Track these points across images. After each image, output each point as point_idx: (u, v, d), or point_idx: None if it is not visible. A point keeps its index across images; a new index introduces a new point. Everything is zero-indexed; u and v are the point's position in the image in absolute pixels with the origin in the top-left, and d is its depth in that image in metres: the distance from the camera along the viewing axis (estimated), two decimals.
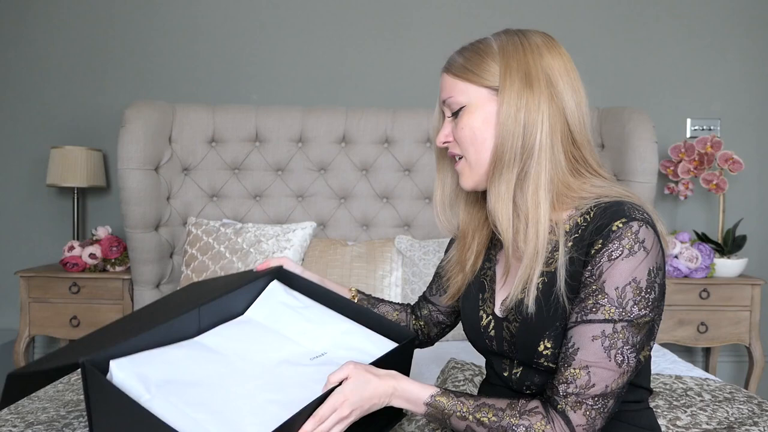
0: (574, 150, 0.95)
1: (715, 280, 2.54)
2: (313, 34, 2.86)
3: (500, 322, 1.01)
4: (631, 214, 0.87)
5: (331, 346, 1.07)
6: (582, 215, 0.92)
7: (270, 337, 1.07)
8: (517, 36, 0.96)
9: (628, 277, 0.85)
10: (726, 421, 1.40)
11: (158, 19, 2.87)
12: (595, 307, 0.87)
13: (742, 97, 2.88)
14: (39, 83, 2.88)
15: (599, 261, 0.87)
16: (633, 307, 0.86)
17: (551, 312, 0.92)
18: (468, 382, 1.57)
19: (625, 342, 0.86)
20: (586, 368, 0.86)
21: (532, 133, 0.91)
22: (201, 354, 0.99)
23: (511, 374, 1.01)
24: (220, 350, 1.01)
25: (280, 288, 1.18)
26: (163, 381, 0.90)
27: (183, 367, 0.95)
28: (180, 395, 0.88)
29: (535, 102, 0.91)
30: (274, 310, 1.14)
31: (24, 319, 2.51)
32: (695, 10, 2.86)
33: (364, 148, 2.58)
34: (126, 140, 2.34)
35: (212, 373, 0.95)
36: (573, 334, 0.88)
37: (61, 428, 1.28)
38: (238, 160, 2.58)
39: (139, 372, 0.90)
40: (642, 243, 0.86)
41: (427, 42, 2.85)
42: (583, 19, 2.85)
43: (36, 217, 2.90)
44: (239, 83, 2.86)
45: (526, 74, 0.92)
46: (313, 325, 1.11)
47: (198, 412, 0.86)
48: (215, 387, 0.92)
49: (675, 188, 2.69)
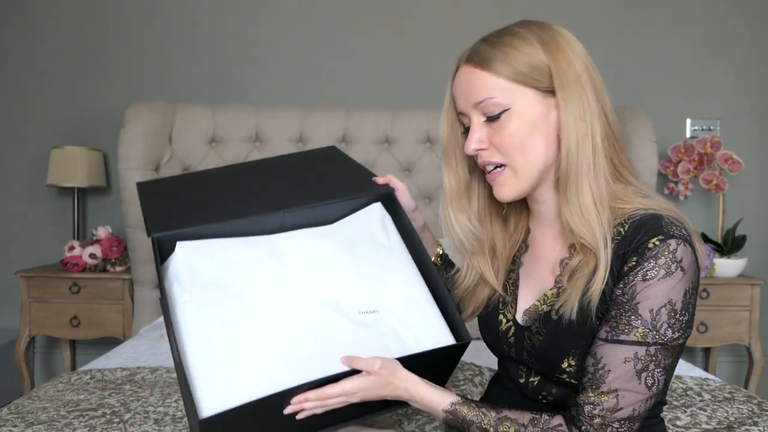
0: (615, 151, 0.88)
1: (715, 280, 2.54)
2: (313, 35, 2.86)
3: (522, 330, 0.96)
4: (669, 230, 0.81)
5: (386, 306, 0.98)
6: (616, 227, 0.86)
7: (341, 265, 1.00)
8: (550, 29, 0.88)
9: (664, 299, 0.81)
10: (726, 421, 1.40)
11: (158, 19, 2.87)
12: (627, 328, 0.82)
13: (742, 97, 2.88)
14: (39, 83, 2.88)
15: (633, 280, 0.82)
16: (667, 330, 0.81)
17: (581, 330, 0.87)
18: (468, 382, 1.57)
19: (656, 365, 0.82)
20: (615, 391, 0.82)
21: (597, 134, 0.85)
22: (265, 260, 0.96)
23: (528, 382, 0.97)
24: (287, 261, 0.97)
25: (378, 214, 1.08)
26: (211, 283, 0.91)
27: (239, 269, 0.94)
28: (215, 308, 0.89)
29: (587, 102, 0.85)
30: (361, 235, 1.04)
31: (24, 319, 2.51)
32: (695, 11, 2.86)
33: (364, 148, 2.58)
34: (126, 140, 2.34)
35: (263, 287, 0.93)
36: (602, 353, 0.83)
37: (61, 428, 1.28)
38: (238, 160, 2.58)
39: (194, 263, 0.92)
40: (679, 263, 0.80)
41: (427, 42, 2.85)
42: (583, 19, 2.85)
43: (36, 217, 2.90)
44: (239, 83, 2.86)
45: (575, 73, 0.85)
46: (384, 272, 1.01)
47: (219, 339, 0.87)
48: (253, 310, 0.90)
49: (675, 188, 2.69)
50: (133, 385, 1.62)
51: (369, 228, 1.06)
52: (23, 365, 2.56)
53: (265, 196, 1.08)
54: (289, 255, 0.98)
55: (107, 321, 2.52)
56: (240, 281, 0.93)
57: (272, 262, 0.96)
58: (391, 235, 1.07)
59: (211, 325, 0.87)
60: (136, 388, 1.59)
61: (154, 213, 1.01)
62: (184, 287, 0.90)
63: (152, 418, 1.37)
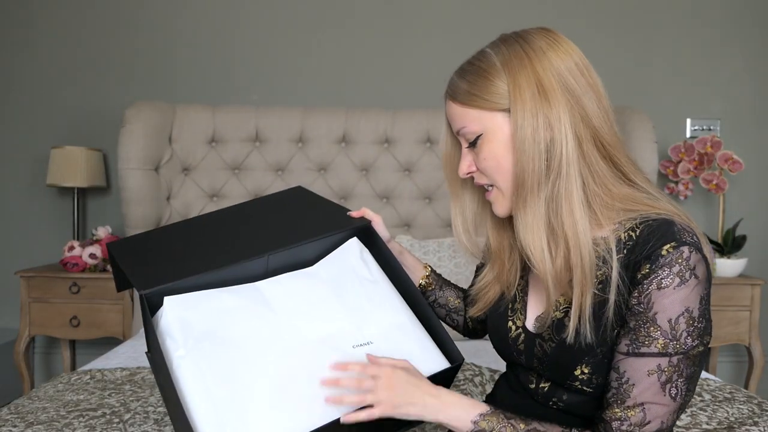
0: (608, 154, 0.87)
1: (715, 280, 2.54)
2: (313, 35, 2.86)
3: (532, 337, 0.95)
4: (682, 237, 0.81)
5: (379, 337, 0.99)
6: (627, 231, 0.85)
7: (328, 304, 1.01)
8: (517, 43, 0.87)
9: (681, 308, 0.81)
10: (726, 421, 1.40)
11: (158, 19, 2.86)
12: (647, 340, 0.81)
13: (742, 97, 2.88)
14: (39, 83, 2.88)
15: (647, 288, 0.81)
16: (687, 338, 0.81)
17: (596, 338, 0.85)
18: (468, 382, 1.57)
19: (680, 375, 0.81)
20: (641, 405, 0.81)
21: (556, 149, 0.84)
22: (253, 307, 0.96)
23: (538, 387, 0.95)
24: (275, 306, 0.97)
25: (356, 248, 1.10)
26: (204, 336, 0.90)
27: (229, 319, 0.93)
28: (210, 361, 0.88)
29: (555, 114, 0.84)
30: (343, 272, 1.06)
31: (24, 319, 2.51)
32: (695, 11, 2.86)
33: (364, 148, 2.58)
34: (126, 140, 2.34)
35: (255, 335, 0.93)
36: (625, 367, 0.82)
37: (61, 428, 1.28)
38: (238, 160, 2.58)
39: (185, 317, 0.91)
40: (693, 270, 0.81)
41: (428, 42, 2.85)
42: (583, 20, 2.85)
43: (36, 217, 2.90)
44: (239, 83, 2.86)
45: (538, 86, 0.84)
46: (371, 305, 1.03)
47: (220, 391, 0.86)
48: (249, 359, 0.90)
49: (675, 188, 2.69)
50: (133, 385, 1.62)
51: (350, 263, 1.08)
52: (23, 365, 2.56)
53: (245, 242, 1.09)
54: (277, 299, 0.99)
55: (107, 321, 2.51)
56: (232, 331, 0.93)
57: (261, 308, 0.97)
58: (372, 267, 1.09)
59: (209, 378, 0.87)
60: (136, 388, 1.59)
61: (138, 269, 1.00)
62: (177, 342, 0.90)
63: (152, 418, 1.37)
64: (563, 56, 0.86)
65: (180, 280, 0.95)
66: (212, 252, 1.05)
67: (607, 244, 0.85)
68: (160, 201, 2.45)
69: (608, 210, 0.87)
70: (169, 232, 1.16)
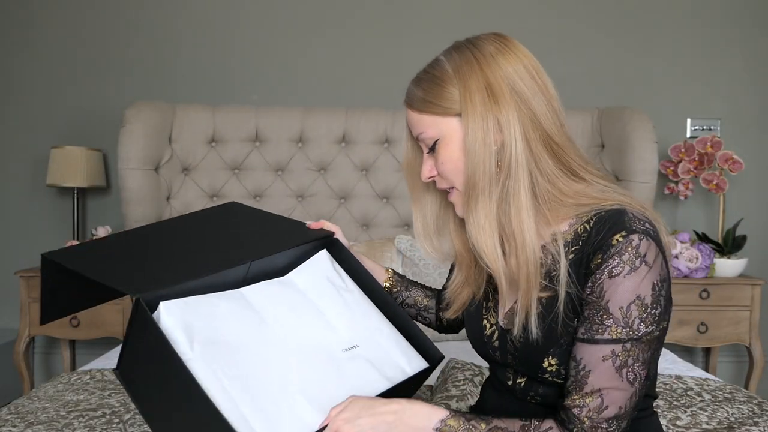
0: (558, 154, 0.90)
1: (715, 280, 2.54)
2: (313, 35, 2.86)
3: (504, 333, 0.98)
4: (632, 225, 0.83)
5: (364, 340, 1.03)
6: (582, 224, 0.88)
7: (310, 311, 1.04)
8: (468, 49, 0.91)
9: (632, 295, 0.82)
10: (726, 421, 1.40)
11: (158, 19, 2.86)
12: (601, 328, 0.84)
13: (742, 97, 2.88)
14: (39, 83, 2.88)
15: (600, 278, 0.83)
16: (640, 325, 0.83)
17: (556, 329, 0.88)
18: (468, 382, 1.57)
19: (635, 359, 0.83)
20: (598, 392, 0.83)
21: (506, 151, 0.87)
22: (245, 312, 0.97)
23: (515, 384, 0.98)
24: (263, 313, 0.98)
25: (327, 260, 1.13)
26: (208, 340, 0.89)
27: (227, 324, 0.93)
28: (221, 362, 0.88)
29: (504, 117, 0.87)
30: (318, 282, 1.09)
31: (24, 319, 2.51)
32: (695, 11, 2.86)
33: (364, 148, 2.58)
34: (126, 140, 2.34)
35: (254, 339, 0.93)
36: (582, 354, 0.85)
37: (61, 428, 1.28)
38: (238, 160, 2.58)
39: (186, 322, 0.90)
40: (643, 257, 0.82)
41: (427, 42, 2.83)
42: (583, 19, 2.85)
43: (36, 217, 2.90)
44: (239, 83, 2.86)
45: (487, 90, 0.88)
46: (351, 312, 1.07)
47: (234, 388, 0.86)
48: (255, 358, 0.91)
49: (675, 188, 2.69)
50: None
51: (324, 274, 1.11)
52: (23, 365, 2.56)
53: (223, 250, 1.09)
54: (266, 308, 1.00)
55: (107, 321, 2.51)
56: (233, 335, 0.93)
57: (254, 315, 0.98)
58: (345, 277, 1.13)
59: (224, 379, 0.87)
60: None
61: (118, 276, 0.97)
62: (184, 345, 0.89)
63: None
64: (512, 60, 0.89)
65: (177, 284, 0.93)
66: (196, 259, 1.05)
67: (556, 243, 0.88)
68: (160, 201, 2.45)
69: (561, 206, 0.89)
70: (114, 241, 1.12)
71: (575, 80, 2.85)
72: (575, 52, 2.85)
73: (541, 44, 2.88)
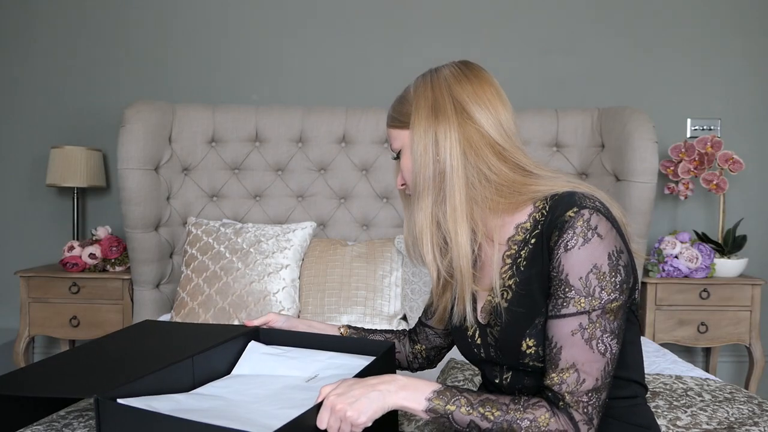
0: (507, 157, 0.99)
1: (715, 280, 2.54)
2: (313, 34, 2.86)
3: (484, 328, 1.04)
4: (582, 202, 0.91)
5: (323, 368, 1.12)
6: (539, 211, 0.96)
7: (263, 379, 1.11)
8: (429, 75, 1.04)
9: (589, 265, 0.88)
10: (726, 421, 1.40)
11: (158, 19, 2.86)
12: (565, 301, 0.89)
13: (742, 97, 2.88)
14: (39, 83, 2.88)
15: (557, 253, 0.90)
16: (601, 293, 0.88)
17: (527, 310, 0.94)
18: (468, 382, 1.57)
19: (603, 330, 0.88)
20: (573, 366, 0.88)
21: (442, 159, 0.97)
22: (203, 398, 1.01)
23: (503, 380, 1.02)
24: (219, 395, 1.03)
25: (260, 345, 1.23)
26: (175, 410, 0.91)
27: (189, 404, 0.96)
28: (194, 417, 0.89)
29: (442, 130, 0.98)
30: (259, 361, 1.18)
31: (24, 319, 2.51)
32: (695, 11, 2.86)
33: (364, 148, 2.58)
34: (126, 140, 2.34)
35: (218, 406, 0.97)
36: (552, 332, 0.90)
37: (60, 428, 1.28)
38: (238, 160, 2.58)
39: (149, 405, 0.92)
40: (595, 229, 0.89)
41: (427, 42, 2.84)
42: (584, 19, 2.85)
43: (36, 217, 2.90)
44: (239, 83, 2.86)
45: (433, 108, 0.99)
46: (300, 361, 1.16)
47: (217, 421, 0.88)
48: (226, 411, 0.94)
49: (675, 188, 2.69)
50: None
51: (261, 352, 1.20)
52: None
53: (165, 352, 1.14)
54: (220, 392, 1.04)
55: (107, 321, 2.51)
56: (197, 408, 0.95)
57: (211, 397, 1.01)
58: (282, 347, 1.22)
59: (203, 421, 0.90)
60: None
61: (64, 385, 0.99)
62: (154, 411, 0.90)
63: None
64: (463, 84, 1.01)
65: (131, 382, 0.94)
66: (142, 361, 1.09)
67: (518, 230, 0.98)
68: (160, 201, 2.45)
69: (519, 195, 0.98)
70: (49, 364, 1.13)
71: (575, 80, 2.84)
72: (575, 52, 2.85)
73: (542, 44, 2.90)
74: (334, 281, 2.21)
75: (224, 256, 2.23)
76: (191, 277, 2.25)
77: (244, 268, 2.19)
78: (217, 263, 2.22)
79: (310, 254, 2.30)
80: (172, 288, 2.52)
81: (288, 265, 2.22)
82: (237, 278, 2.17)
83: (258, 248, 2.24)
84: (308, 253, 2.31)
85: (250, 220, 2.55)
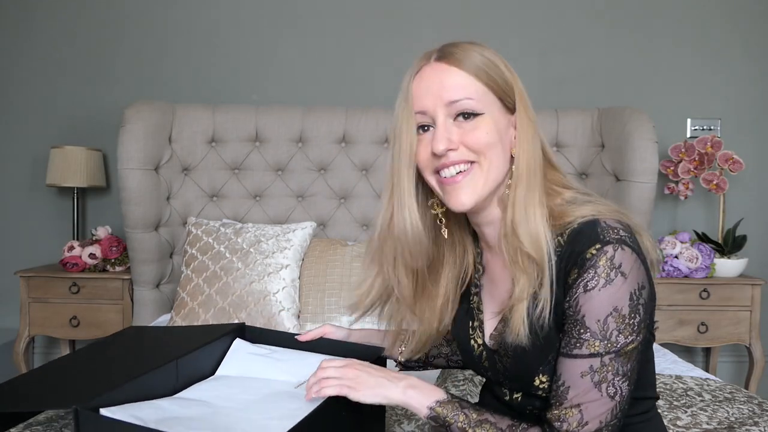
0: (548, 168, 0.93)
1: (716, 280, 2.54)
2: (313, 34, 2.86)
3: (492, 354, 0.98)
4: (605, 236, 0.82)
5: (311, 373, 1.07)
6: (556, 237, 0.87)
7: (250, 382, 1.09)
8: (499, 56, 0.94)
9: (609, 308, 0.81)
10: (726, 421, 1.40)
11: (158, 19, 2.86)
12: (579, 342, 0.83)
13: (742, 97, 2.88)
14: (39, 83, 2.88)
15: (575, 292, 0.83)
16: (618, 336, 0.82)
17: (542, 346, 0.88)
18: (468, 382, 1.57)
19: (615, 374, 0.82)
20: (578, 406, 0.83)
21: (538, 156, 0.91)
22: (187, 403, 0.99)
23: (512, 399, 0.98)
24: (204, 399, 1.01)
25: (244, 343, 1.21)
26: (160, 420, 0.89)
27: (174, 411, 0.94)
28: (180, 426, 0.88)
29: (534, 125, 0.92)
30: (245, 361, 1.15)
31: (24, 319, 2.51)
32: (695, 11, 2.86)
33: (364, 148, 2.58)
34: (126, 140, 2.34)
35: (204, 414, 0.95)
36: (561, 369, 0.85)
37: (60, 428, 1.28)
38: (238, 160, 2.58)
39: (132, 414, 0.89)
40: (618, 268, 0.81)
41: (428, 42, 2.82)
42: (584, 19, 2.85)
43: (36, 217, 2.90)
44: (239, 83, 2.86)
45: (525, 97, 0.93)
46: (287, 363, 1.14)
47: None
48: (212, 419, 0.92)
49: (675, 188, 2.69)
50: None
51: (247, 351, 1.18)
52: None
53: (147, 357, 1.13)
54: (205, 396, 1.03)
55: (107, 321, 2.51)
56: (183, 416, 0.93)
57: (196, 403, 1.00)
58: (267, 347, 1.21)
59: None
60: None
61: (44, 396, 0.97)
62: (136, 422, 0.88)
63: None
64: None
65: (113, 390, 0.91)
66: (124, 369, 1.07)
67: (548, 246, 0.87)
68: (160, 201, 2.45)
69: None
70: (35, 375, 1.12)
71: (575, 80, 2.84)
72: (575, 52, 2.85)
73: (542, 44, 2.89)
74: (334, 281, 2.21)
75: (224, 256, 2.23)
76: (191, 277, 2.25)
77: (244, 268, 2.19)
78: (217, 263, 2.22)
79: (310, 254, 2.30)
80: (172, 288, 2.52)
81: (288, 265, 2.22)
82: (237, 278, 2.17)
83: (258, 248, 2.24)
84: (308, 253, 2.31)
85: (250, 220, 2.55)
